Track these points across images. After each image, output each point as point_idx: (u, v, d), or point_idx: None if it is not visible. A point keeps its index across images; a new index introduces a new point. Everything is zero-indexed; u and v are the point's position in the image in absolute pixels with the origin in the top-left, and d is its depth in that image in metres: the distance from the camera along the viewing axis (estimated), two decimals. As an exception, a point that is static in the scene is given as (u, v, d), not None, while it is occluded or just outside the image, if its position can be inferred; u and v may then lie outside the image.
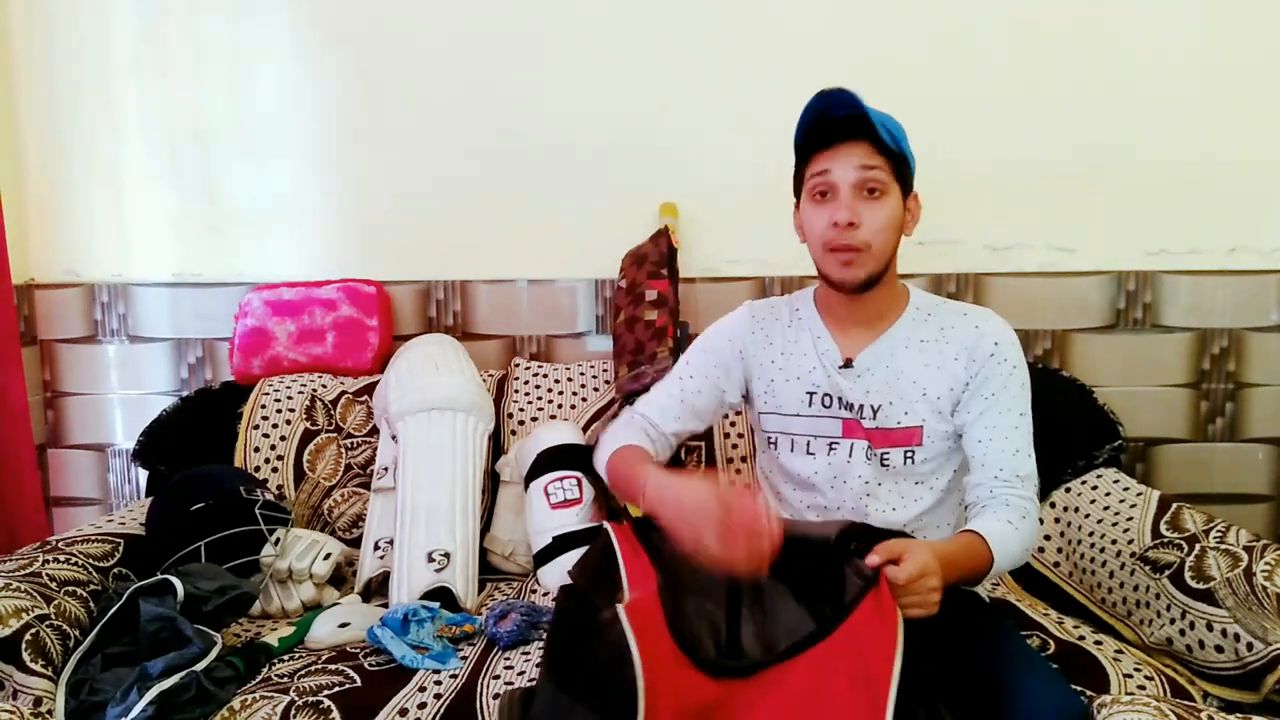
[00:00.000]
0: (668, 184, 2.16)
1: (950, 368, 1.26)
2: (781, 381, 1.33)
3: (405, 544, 1.66)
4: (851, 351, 1.30)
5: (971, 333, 1.27)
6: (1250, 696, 1.29)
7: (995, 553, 1.15)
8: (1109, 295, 2.16)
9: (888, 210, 1.20)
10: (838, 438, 1.30)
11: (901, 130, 1.22)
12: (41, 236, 2.27)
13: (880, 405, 1.27)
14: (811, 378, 1.31)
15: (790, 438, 1.33)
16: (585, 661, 0.95)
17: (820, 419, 1.30)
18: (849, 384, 1.28)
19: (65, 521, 2.32)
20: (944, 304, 1.32)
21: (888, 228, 1.21)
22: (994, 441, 1.24)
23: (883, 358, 1.28)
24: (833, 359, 1.30)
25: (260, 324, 2.13)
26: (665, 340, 1.90)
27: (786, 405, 1.33)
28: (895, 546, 1.03)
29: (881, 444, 1.27)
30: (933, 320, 1.29)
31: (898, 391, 1.27)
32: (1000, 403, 1.24)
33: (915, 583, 1.01)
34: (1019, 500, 1.21)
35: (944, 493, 1.31)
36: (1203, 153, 2.12)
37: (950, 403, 1.26)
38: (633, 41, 2.14)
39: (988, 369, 1.25)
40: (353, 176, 2.22)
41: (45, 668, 1.29)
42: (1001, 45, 2.11)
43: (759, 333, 1.37)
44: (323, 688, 1.29)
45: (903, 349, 1.28)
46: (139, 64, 2.21)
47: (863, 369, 1.28)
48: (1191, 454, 2.20)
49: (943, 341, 1.28)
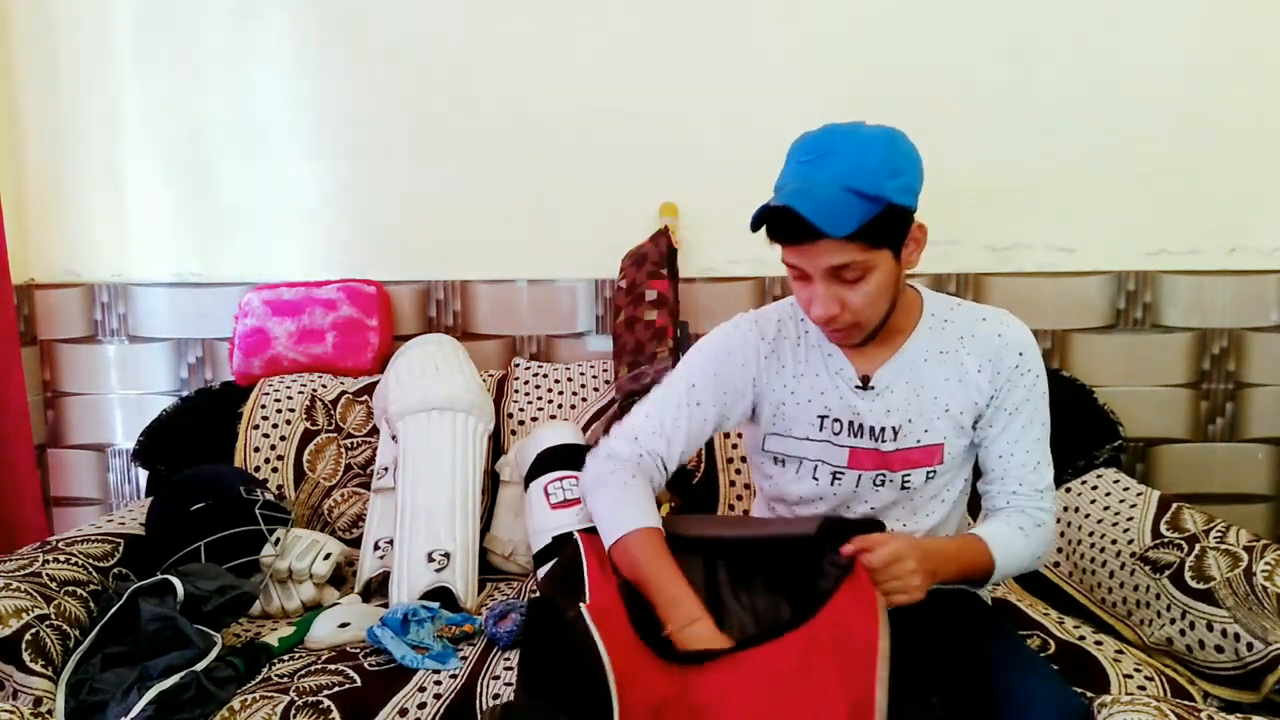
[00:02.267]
0: (668, 184, 2.16)
1: (973, 380, 1.19)
2: (793, 405, 1.24)
3: (405, 544, 1.66)
4: (868, 369, 1.21)
5: (994, 341, 1.20)
6: (1250, 696, 1.29)
7: (996, 556, 1.14)
8: (1109, 295, 2.16)
9: (871, 286, 1.09)
10: (843, 468, 1.22)
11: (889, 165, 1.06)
12: (41, 236, 2.27)
13: (900, 426, 1.20)
14: (824, 400, 1.22)
15: (797, 460, 1.25)
16: (556, 666, 0.97)
17: (828, 445, 1.23)
18: (867, 405, 1.20)
19: (65, 521, 2.32)
20: (959, 307, 1.24)
21: (876, 300, 1.11)
22: (1015, 456, 1.20)
23: (902, 373, 1.20)
24: (848, 378, 1.22)
25: (260, 324, 2.12)
26: (665, 340, 1.90)
27: (795, 429, 1.24)
28: (870, 539, 1.04)
29: (902, 466, 1.21)
30: (950, 328, 1.22)
31: (918, 409, 1.20)
32: (1024, 416, 1.20)
33: (891, 567, 1.01)
34: (1035, 510, 1.19)
35: (954, 504, 1.28)
36: (1203, 153, 2.12)
37: (972, 417, 1.21)
38: (633, 41, 2.14)
39: (1012, 381, 1.19)
40: (353, 176, 2.22)
41: (45, 668, 1.29)
42: (1001, 45, 2.11)
43: (772, 357, 1.26)
44: (323, 688, 1.29)
45: (922, 362, 1.20)
46: (139, 64, 2.21)
47: (882, 387, 1.20)
48: (1191, 454, 2.20)
49: (963, 352, 1.20)
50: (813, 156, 1.08)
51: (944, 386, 1.20)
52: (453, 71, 2.17)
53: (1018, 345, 1.20)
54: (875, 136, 1.09)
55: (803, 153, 1.10)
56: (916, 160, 1.11)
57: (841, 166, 1.05)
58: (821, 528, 1.07)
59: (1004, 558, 1.14)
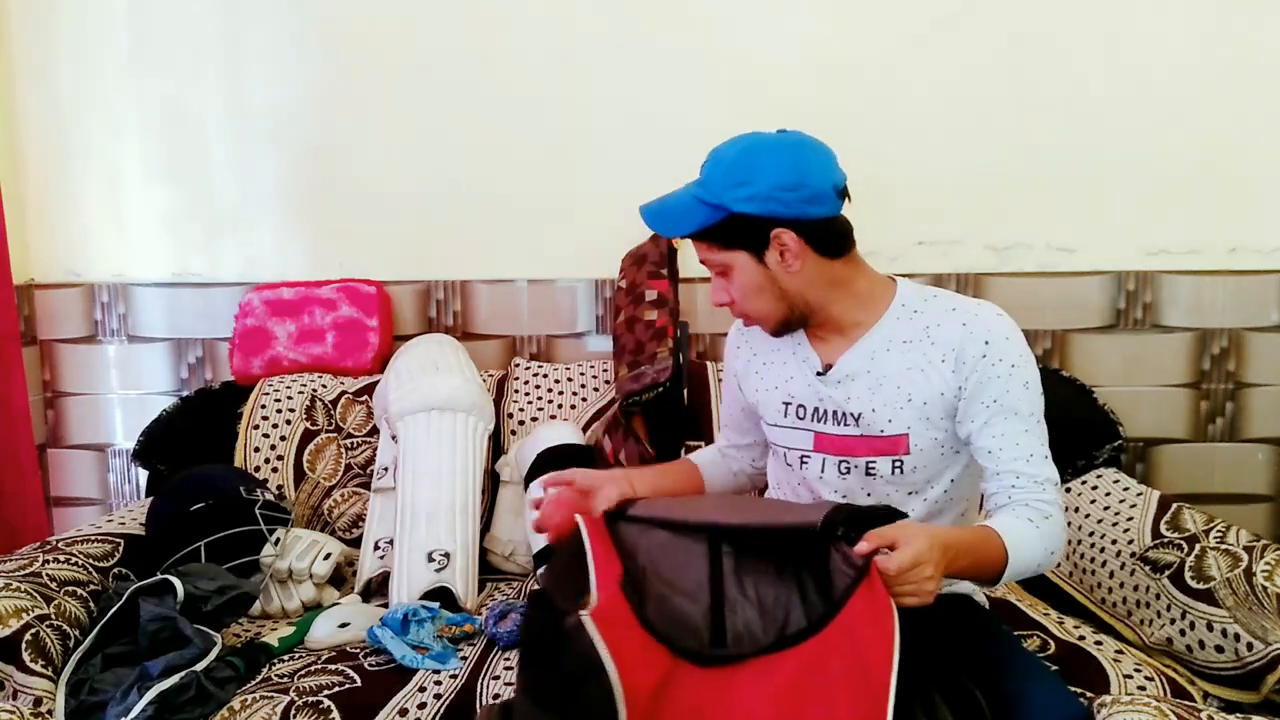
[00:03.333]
0: (668, 184, 2.15)
1: (937, 370, 1.18)
2: (764, 391, 1.32)
3: (405, 544, 1.66)
4: (830, 357, 1.24)
5: (959, 332, 1.17)
6: (1250, 696, 1.30)
7: (1010, 549, 1.09)
8: (1109, 295, 2.16)
9: (740, 280, 1.22)
10: (808, 451, 1.26)
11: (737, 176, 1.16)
12: (41, 236, 2.27)
13: (861, 413, 1.21)
14: (789, 387, 1.28)
15: (781, 449, 1.31)
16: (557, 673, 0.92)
17: (793, 430, 1.28)
18: (829, 390, 1.23)
19: (65, 521, 2.32)
20: (935, 299, 1.23)
21: (751, 293, 1.22)
22: (1004, 450, 1.16)
23: (862, 362, 1.22)
24: (812, 365, 1.26)
25: (260, 324, 2.12)
26: (665, 340, 1.90)
27: (770, 415, 1.31)
28: (888, 533, 0.98)
29: (866, 452, 1.22)
30: (918, 318, 1.21)
31: (881, 398, 1.20)
32: (1003, 408, 1.15)
33: (909, 572, 0.95)
34: (1039, 503, 1.15)
35: (938, 503, 1.25)
36: (1203, 153, 2.12)
37: (941, 409, 1.19)
38: (632, 41, 2.14)
39: (980, 372, 1.15)
40: (353, 176, 2.22)
41: (45, 668, 1.29)
42: (1002, 45, 2.11)
43: (744, 348, 1.37)
44: (323, 688, 1.29)
45: (884, 352, 1.21)
46: (139, 64, 2.21)
47: (842, 375, 1.22)
48: (1191, 454, 2.20)
49: (927, 342, 1.19)
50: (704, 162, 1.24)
51: (906, 376, 1.19)
52: (453, 72, 2.17)
53: (984, 335, 1.16)
54: (739, 149, 1.19)
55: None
56: (780, 172, 1.14)
57: (704, 175, 1.21)
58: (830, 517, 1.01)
59: (1016, 550, 1.09)
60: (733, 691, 0.94)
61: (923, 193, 2.15)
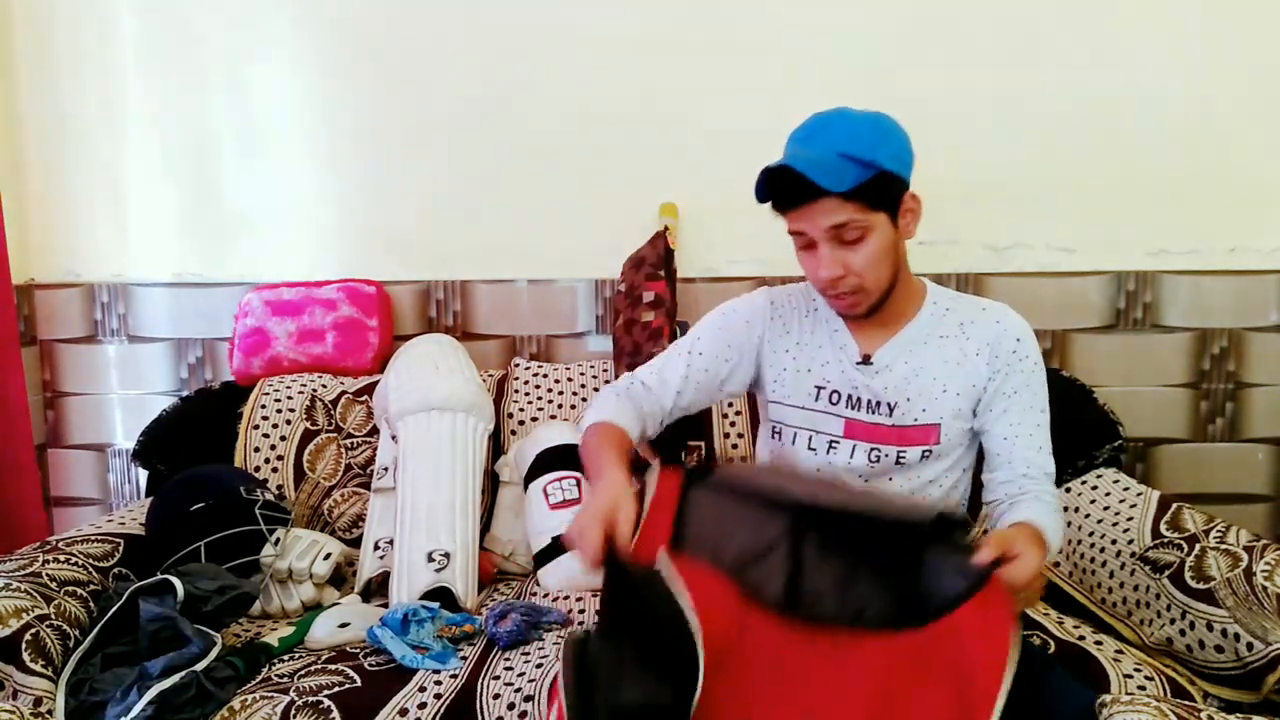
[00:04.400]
0: (668, 184, 2.16)
1: (972, 364, 1.24)
2: (793, 372, 1.31)
3: (405, 544, 1.66)
4: (870, 347, 1.27)
5: (993, 328, 1.25)
6: (1250, 696, 1.29)
7: (1050, 542, 1.12)
8: (1109, 295, 2.16)
9: (872, 247, 1.16)
10: (839, 437, 1.28)
11: (878, 135, 1.14)
12: (41, 236, 2.27)
13: (897, 402, 1.25)
14: (824, 372, 1.29)
15: (793, 430, 1.31)
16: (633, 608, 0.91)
17: (823, 415, 1.28)
18: (867, 380, 1.26)
19: (65, 521, 2.32)
20: (961, 299, 1.30)
21: (877, 262, 1.17)
22: (1019, 439, 1.23)
23: (902, 354, 1.26)
24: (851, 354, 1.28)
25: (260, 324, 2.12)
26: (661, 341, 1.90)
27: (792, 396, 1.30)
28: (1004, 540, 0.98)
29: (898, 442, 1.25)
30: (951, 315, 1.28)
31: (916, 388, 1.25)
32: (1023, 400, 1.24)
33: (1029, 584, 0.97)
34: (1049, 496, 1.21)
35: (949, 490, 1.31)
36: (1203, 153, 2.12)
37: (971, 400, 1.25)
38: (632, 41, 2.14)
39: (1010, 365, 1.24)
40: (353, 176, 2.22)
41: (45, 668, 1.29)
42: (1002, 45, 2.11)
43: (777, 320, 1.33)
44: (323, 688, 1.29)
45: (922, 345, 1.26)
46: (139, 64, 2.21)
47: (881, 365, 1.26)
48: (1191, 454, 2.20)
49: (963, 337, 1.26)
50: (806, 134, 1.17)
51: (942, 368, 1.25)
52: (453, 73, 2.17)
53: (1015, 333, 1.25)
54: (865, 114, 1.17)
55: (797, 134, 1.19)
56: (905, 137, 1.18)
57: (835, 137, 1.14)
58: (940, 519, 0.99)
59: (1051, 545, 1.12)
60: (815, 655, 0.94)
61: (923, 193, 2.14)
